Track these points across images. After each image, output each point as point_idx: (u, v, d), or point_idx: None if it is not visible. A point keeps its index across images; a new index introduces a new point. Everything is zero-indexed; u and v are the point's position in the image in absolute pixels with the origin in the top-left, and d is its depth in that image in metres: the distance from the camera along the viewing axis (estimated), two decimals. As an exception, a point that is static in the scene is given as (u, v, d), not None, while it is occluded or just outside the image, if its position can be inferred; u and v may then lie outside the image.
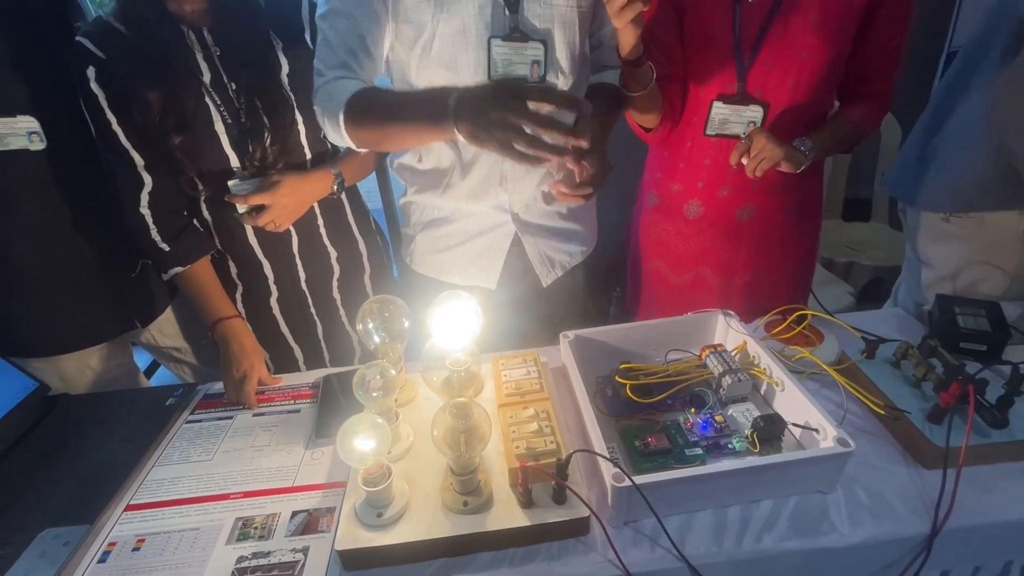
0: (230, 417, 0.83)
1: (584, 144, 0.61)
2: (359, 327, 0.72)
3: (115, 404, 0.86)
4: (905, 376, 0.74)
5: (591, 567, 0.58)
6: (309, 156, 0.92)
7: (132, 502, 0.70)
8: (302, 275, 0.99)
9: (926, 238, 1.00)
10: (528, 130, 0.59)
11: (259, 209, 0.86)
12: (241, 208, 0.87)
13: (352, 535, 0.58)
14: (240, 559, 0.61)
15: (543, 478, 0.60)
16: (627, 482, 0.57)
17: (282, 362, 1.05)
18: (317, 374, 0.91)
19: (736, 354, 0.79)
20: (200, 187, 0.86)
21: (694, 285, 1.11)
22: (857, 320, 0.92)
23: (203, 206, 0.91)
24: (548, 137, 0.60)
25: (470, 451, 0.59)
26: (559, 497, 0.60)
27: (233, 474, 0.73)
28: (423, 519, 0.60)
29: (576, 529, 0.60)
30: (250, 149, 0.84)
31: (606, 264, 1.71)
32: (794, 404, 0.69)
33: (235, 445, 0.78)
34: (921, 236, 1.01)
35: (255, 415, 0.83)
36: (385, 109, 0.74)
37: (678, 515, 0.62)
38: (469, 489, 0.60)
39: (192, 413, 0.85)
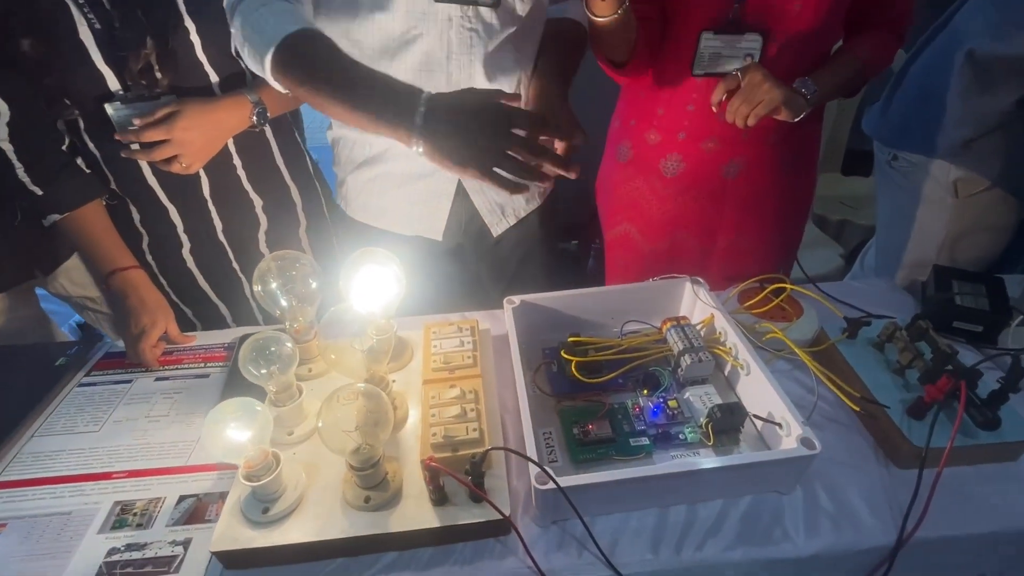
0: (129, 381, 0.74)
1: (573, 175, 0.57)
2: (256, 289, 0.61)
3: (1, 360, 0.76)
4: (888, 361, 0.66)
5: (507, 572, 0.51)
6: (216, 79, 0.77)
7: (1, 479, 0.61)
8: (218, 224, 0.85)
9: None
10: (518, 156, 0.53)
11: (159, 144, 0.72)
12: (132, 143, 0.73)
13: (231, 534, 0.50)
14: (112, 551, 0.54)
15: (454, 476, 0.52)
16: (550, 485, 0.48)
17: (210, 322, 0.94)
18: (234, 333, 0.80)
19: (702, 328, 0.70)
20: (76, 114, 0.71)
21: (670, 251, 0.98)
22: (843, 290, 0.83)
23: (87, 138, 0.76)
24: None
25: (371, 441, 0.50)
26: (476, 495, 0.52)
27: (120, 449, 0.64)
28: (318, 515, 0.52)
29: (495, 530, 0.52)
30: (128, 65, 0.68)
31: (586, 213, 1.56)
32: (759, 391, 0.60)
33: (129, 414, 0.69)
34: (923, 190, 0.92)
35: (157, 379, 0.74)
36: (328, 78, 0.58)
37: (613, 514, 0.54)
38: (372, 484, 0.52)
39: (88, 374, 0.75)
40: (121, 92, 0.71)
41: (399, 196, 0.82)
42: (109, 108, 0.70)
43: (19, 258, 0.87)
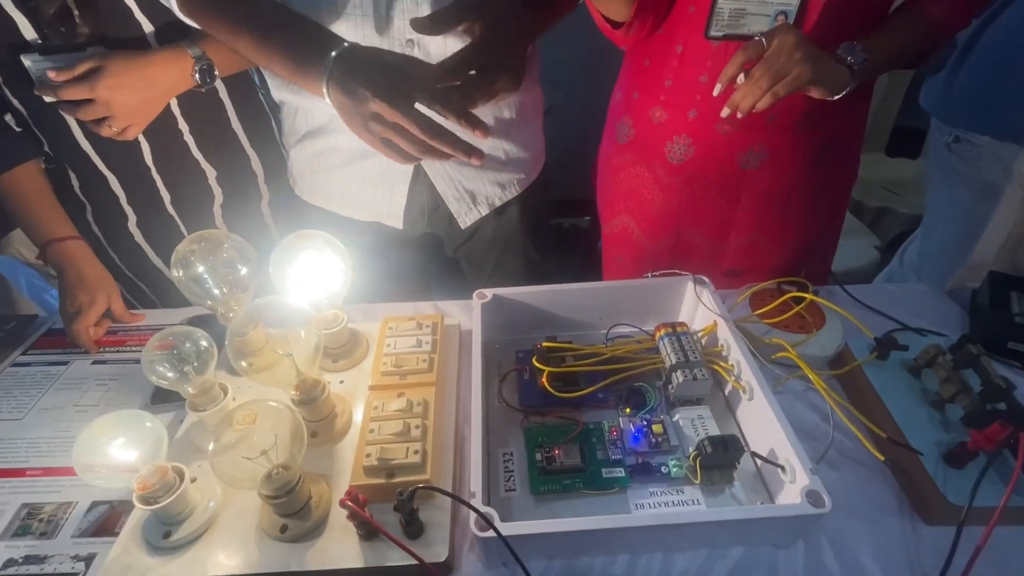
0: (65, 363, 0.68)
1: (476, 163, 0.51)
2: (175, 274, 0.53)
3: (-65, 334, 0.71)
4: (925, 391, 0.55)
5: (443, 624, 0.43)
6: (150, 28, 0.67)
7: (-94, 468, 0.56)
8: (165, 196, 0.77)
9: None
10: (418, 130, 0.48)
11: (83, 103, 0.63)
12: (52, 101, 0.64)
13: (126, 559, 0.44)
14: (8, 562, 0.48)
15: (381, 512, 0.44)
16: (490, 533, 0.40)
17: (168, 298, 0.86)
18: (185, 314, 0.73)
19: (702, 337, 0.60)
20: None
21: (673, 250, 0.84)
22: (876, 294, 0.71)
23: (7, 93, 0.67)
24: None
25: (288, 462, 0.42)
26: (412, 530, 0.44)
27: (40, 442, 0.58)
28: (227, 543, 0.45)
29: (432, 572, 0.45)
30: (41, 9, 0.59)
31: (563, 192, 1.40)
32: (762, 421, 0.50)
33: (57, 401, 0.63)
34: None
35: (94, 363, 0.67)
36: (243, 13, 0.54)
37: (572, 558, 0.46)
38: (290, 511, 0.44)
39: (24, 353, 0.69)
40: (39, 42, 0.61)
41: (348, 175, 0.71)
42: (26, 60, 0.61)
43: None
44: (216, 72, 0.69)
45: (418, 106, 0.48)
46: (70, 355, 0.69)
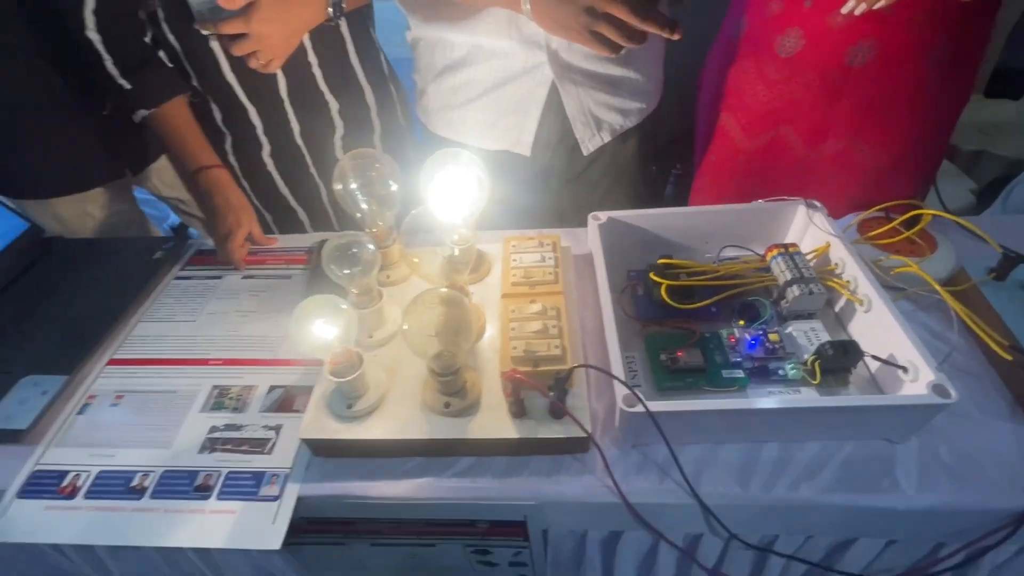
0: (219, 277, 0.77)
1: (676, 36, 0.55)
2: (336, 188, 0.60)
3: (105, 252, 0.81)
4: (1045, 308, 0.56)
5: (584, 489, 0.50)
6: None
7: (115, 356, 0.67)
8: (295, 127, 0.84)
9: None
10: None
11: (238, 37, 0.69)
12: (210, 34, 0.70)
13: (318, 424, 0.52)
14: (213, 428, 0.58)
15: (537, 390, 0.50)
16: (639, 407, 0.45)
17: (288, 226, 0.95)
18: (314, 237, 0.81)
19: (813, 259, 0.62)
20: (156, 3, 0.69)
21: (768, 149, 0.83)
22: (986, 225, 0.70)
23: (167, 32, 0.74)
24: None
25: (452, 348, 0.48)
26: (557, 411, 0.51)
27: (215, 338, 0.68)
28: (398, 415, 0.52)
29: (573, 447, 0.51)
30: None
31: (667, 133, 1.43)
32: (879, 331, 0.53)
33: (221, 308, 0.72)
34: None
35: (244, 277, 0.76)
36: None
37: (699, 444, 0.51)
38: (452, 390, 0.51)
39: (183, 268, 0.79)
40: None
41: (484, 105, 0.76)
42: (191, 1, 0.67)
43: (108, 154, 0.90)
44: (344, 5, 0.74)
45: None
46: (221, 271, 0.78)
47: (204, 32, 0.69)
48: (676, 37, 0.54)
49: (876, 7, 0.59)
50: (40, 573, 0.67)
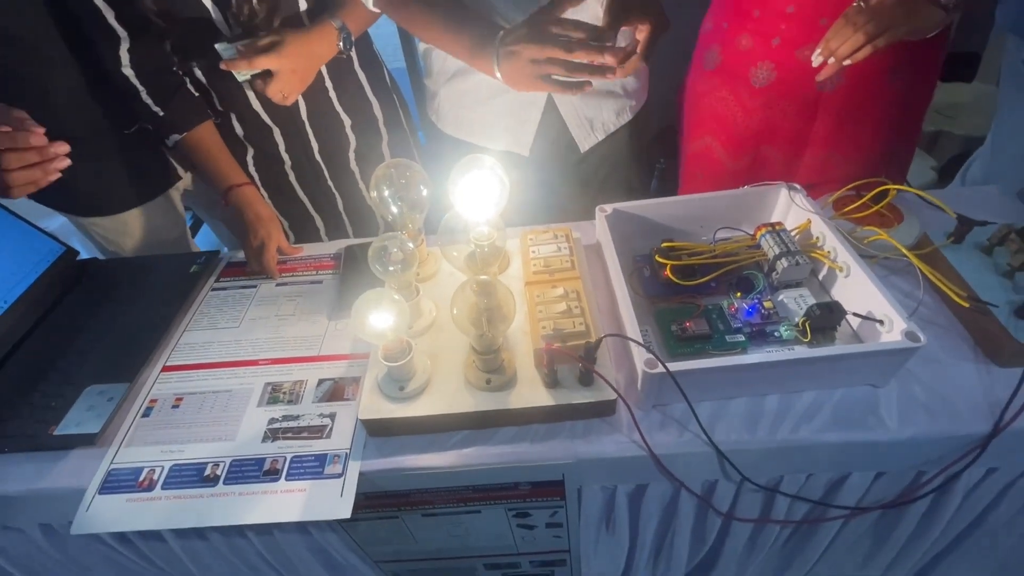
0: (254, 286, 0.82)
1: (613, 63, 0.58)
2: (373, 194, 0.66)
3: (141, 270, 0.86)
4: (996, 264, 0.64)
5: (615, 446, 0.57)
6: (305, 7, 0.78)
7: (168, 363, 0.72)
8: (315, 146, 0.90)
9: None
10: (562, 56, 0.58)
11: (264, 76, 0.75)
12: (241, 76, 0.76)
13: (375, 405, 0.58)
14: (272, 420, 0.63)
15: (569, 360, 0.57)
16: (659, 368, 0.53)
17: (304, 232, 1.01)
18: (338, 245, 0.87)
19: (797, 234, 0.70)
20: (186, 55, 0.75)
21: (751, 168, 0.94)
22: (946, 197, 0.79)
23: (195, 70, 0.80)
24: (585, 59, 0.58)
25: (493, 330, 0.55)
26: (585, 379, 0.57)
27: (260, 341, 0.73)
28: (445, 393, 0.59)
29: (601, 410, 0.58)
30: (233, 1, 0.70)
31: (654, 129, 1.52)
32: (857, 292, 0.61)
33: (261, 313, 0.77)
34: None
35: (278, 285, 0.82)
36: (432, 22, 0.68)
37: (710, 401, 0.59)
38: (492, 368, 0.58)
39: (217, 280, 0.84)
40: (228, 30, 0.74)
41: (489, 108, 0.83)
42: (220, 47, 0.73)
43: (145, 176, 0.95)
44: (353, 39, 0.80)
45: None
46: (255, 281, 0.83)
47: (236, 72, 0.75)
48: (611, 77, 0.58)
49: (853, 60, 0.67)
50: (108, 568, 0.72)
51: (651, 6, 0.61)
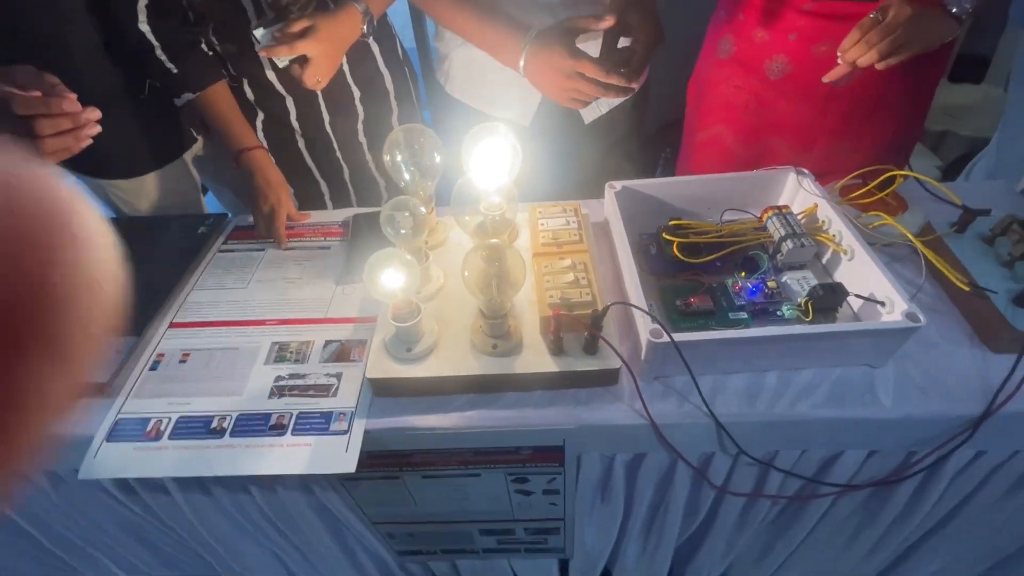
0: (261, 249, 0.83)
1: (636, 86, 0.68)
2: (386, 159, 0.66)
3: (149, 229, 0.86)
4: (997, 254, 0.65)
5: (617, 414, 0.58)
6: None
7: (175, 320, 0.72)
8: (325, 117, 0.90)
9: None
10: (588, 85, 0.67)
11: (301, 61, 0.75)
12: (281, 62, 0.76)
13: (382, 365, 0.59)
14: (278, 378, 0.64)
15: (575, 328, 0.58)
16: (664, 338, 0.54)
17: (310, 199, 1.01)
18: (345, 213, 0.87)
19: (803, 218, 0.71)
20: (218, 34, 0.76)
21: (761, 156, 0.94)
22: (952, 190, 0.80)
23: (215, 42, 0.81)
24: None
25: (502, 295, 0.56)
26: (590, 348, 0.58)
27: (267, 302, 0.74)
28: (451, 357, 0.60)
29: (605, 379, 0.59)
30: None
31: (657, 123, 1.53)
32: (860, 275, 0.62)
33: (268, 276, 0.78)
34: None
35: (285, 248, 0.82)
36: (460, 11, 0.75)
37: (711, 375, 0.60)
38: (499, 333, 0.59)
39: (225, 242, 0.85)
40: (262, 16, 0.75)
41: (498, 78, 0.83)
42: (256, 32, 0.73)
43: (161, 141, 0.94)
44: (375, 22, 0.80)
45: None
46: (263, 244, 0.84)
47: (277, 59, 0.75)
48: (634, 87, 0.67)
49: (878, 67, 0.68)
50: (111, 520, 0.73)
51: (648, 21, 0.64)
